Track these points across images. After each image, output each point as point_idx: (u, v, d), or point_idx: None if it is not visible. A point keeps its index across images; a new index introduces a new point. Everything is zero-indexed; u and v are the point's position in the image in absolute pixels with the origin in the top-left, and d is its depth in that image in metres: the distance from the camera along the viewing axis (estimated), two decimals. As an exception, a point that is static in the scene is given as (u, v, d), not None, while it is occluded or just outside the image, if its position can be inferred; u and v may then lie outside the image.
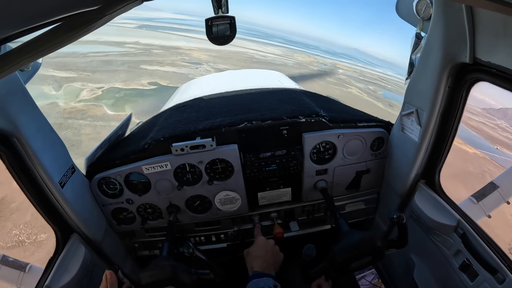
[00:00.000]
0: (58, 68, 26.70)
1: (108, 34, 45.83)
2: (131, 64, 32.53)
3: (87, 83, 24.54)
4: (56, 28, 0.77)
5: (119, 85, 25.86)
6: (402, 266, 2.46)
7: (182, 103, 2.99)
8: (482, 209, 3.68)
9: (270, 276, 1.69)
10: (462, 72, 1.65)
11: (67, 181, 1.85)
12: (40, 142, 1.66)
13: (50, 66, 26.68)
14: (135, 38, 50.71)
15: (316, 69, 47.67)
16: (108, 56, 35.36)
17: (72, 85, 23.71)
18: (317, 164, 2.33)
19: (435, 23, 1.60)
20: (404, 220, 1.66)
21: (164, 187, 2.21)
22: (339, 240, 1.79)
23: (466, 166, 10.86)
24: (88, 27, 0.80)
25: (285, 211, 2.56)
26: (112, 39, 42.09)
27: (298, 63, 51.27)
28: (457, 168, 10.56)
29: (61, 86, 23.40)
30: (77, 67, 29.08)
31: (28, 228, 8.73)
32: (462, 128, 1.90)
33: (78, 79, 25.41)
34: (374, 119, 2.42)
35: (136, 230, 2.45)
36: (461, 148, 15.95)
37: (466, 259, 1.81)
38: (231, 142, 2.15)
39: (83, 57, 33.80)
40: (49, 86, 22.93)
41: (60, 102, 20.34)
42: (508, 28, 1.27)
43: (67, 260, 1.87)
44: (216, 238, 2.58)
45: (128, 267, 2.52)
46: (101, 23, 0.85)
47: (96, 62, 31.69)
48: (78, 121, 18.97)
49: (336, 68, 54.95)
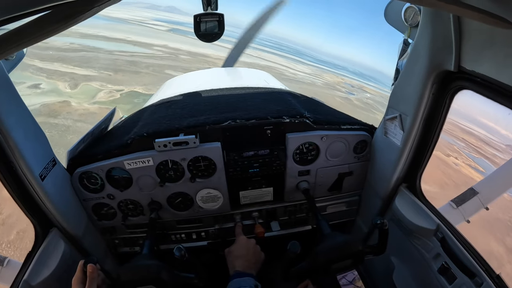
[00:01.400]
0: (80, 64, 25.65)
1: (138, 34, 44.53)
2: (155, 68, 31.52)
3: (107, 83, 23.27)
4: (43, 18, 0.75)
5: (140, 89, 24.65)
6: (382, 268, 2.49)
7: (167, 98, 2.96)
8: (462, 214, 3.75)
9: (251, 276, 1.70)
10: (447, 79, 1.67)
11: (47, 174, 1.81)
12: (21, 133, 1.61)
13: (72, 62, 25.56)
14: (164, 41, 49.22)
15: (344, 90, 46.59)
16: (134, 56, 34.01)
17: (90, 85, 22.54)
18: (299, 164, 2.34)
19: (423, 30, 1.62)
20: (386, 227, 1.68)
21: (146, 183, 2.18)
22: (321, 241, 1.80)
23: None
24: (76, 18, 0.78)
25: (266, 211, 2.57)
26: (140, 39, 40.79)
27: (326, 83, 49.90)
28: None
29: (78, 84, 22.22)
30: (100, 64, 27.79)
31: (11, 249, 7.76)
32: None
33: (98, 78, 24.23)
34: (358, 122, 2.44)
35: (117, 226, 2.41)
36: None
37: (444, 262, 1.84)
38: (214, 140, 2.14)
39: (109, 54, 32.68)
40: (65, 83, 21.89)
41: (73, 101, 19.20)
42: (494, 39, 1.29)
43: (46, 255, 1.83)
44: (197, 236, 2.57)
45: (108, 263, 2.49)
46: (89, 15, 0.83)
47: (121, 62, 30.52)
48: (88, 125, 17.39)
49: (363, 92, 53.60)
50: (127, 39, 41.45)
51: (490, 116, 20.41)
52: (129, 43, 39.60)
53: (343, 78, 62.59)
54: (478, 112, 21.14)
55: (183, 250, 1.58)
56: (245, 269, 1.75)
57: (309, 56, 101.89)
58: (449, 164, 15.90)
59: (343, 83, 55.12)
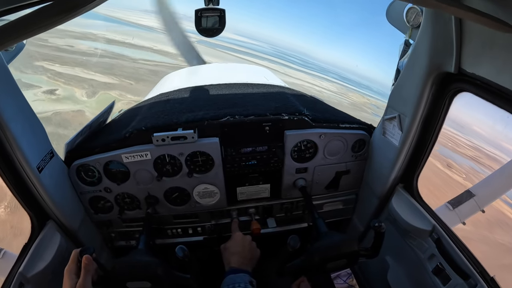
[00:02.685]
0: (102, 70, 24.62)
1: (165, 43, 43.77)
2: (179, 79, 30.98)
3: (126, 93, 22.16)
4: (44, 9, 0.74)
5: (160, 102, 23.64)
6: (377, 267, 2.50)
7: (166, 93, 2.95)
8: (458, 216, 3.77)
9: (246, 272, 1.70)
10: (446, 81, 1.67)
11: (45, 166, 1.80)
12: (20, 125, 1.61)
13: (95, 68, 24.57)
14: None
15: (370, 111, 45.09)
16: (158, 66, 32.53)
17: (109, 93, 21.36)
18: (297, 162, 2.34)
19: (424, 31, 1.62)
20: (384, 230, 1.69)
21: (143, 177, 2.18)
22: (317, 239, 1.81)
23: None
24: (78, 10, 0.77)
25: (263, 207, 2.57)
26: (167, 49, 39.88)
27: (353, 103, 47.70)
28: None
29: (96, 92, 21.16)
30: (122, 72, 26.61)
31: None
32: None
33: (118, 87, 23.19)
34: (356, 121, 2.44)
35: (113, 220, 2.41)
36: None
37: (439, 263, 1.85)
38: (213, 135, 2.14)
39: (133, 62, 31.63)
40: (83, 90, 20.91)
41: (88, 111, 18.15)
42: (494, 42, 1.29)
43: (42, 247, 1.83)
44: (193, 231, 2.57)
45: (103, 257, 2.49)
46: (91, 7, 0.82)
47: (144, 71, 29.45)
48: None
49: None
50: (154, 47, 40.22)
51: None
52: (155, 52, 38.76)
53: (369, 98, 58.74)
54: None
55: (186, 250, 1.58)
56: (240, 266, 1.76)
57: (333, 73, 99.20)
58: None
59: (369, 103, 52.69)
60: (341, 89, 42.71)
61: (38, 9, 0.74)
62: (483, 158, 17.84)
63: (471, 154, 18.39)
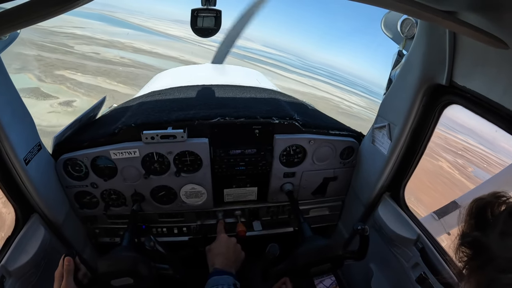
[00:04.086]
0: (125, 81, 23.59)
1: (192, 53, 42.45)
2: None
3: None
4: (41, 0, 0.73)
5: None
6: (361, 274, 2.51)
7: (157, 90, 2.94)
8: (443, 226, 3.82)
9: (230, 274, 1.70)
10: (438, 93, 1.69)
11: (32, 158, 1.78)
12: (8, 115, 1.58)
13: (118, 78, 23.54)
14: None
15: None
16: None
17: None
18: (285, 166, 2.34)
19: (418, 43, 1.64)
20: (367, 233, 1.70)
21: (130, 174, 2.17)
22: (301, 244, 1.81)
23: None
24: (75, 3, 0.76)
25: (249, 210, 2.57)
26: (194, 59, 38.63)
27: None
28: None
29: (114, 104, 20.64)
30: (146, 83, 26.13)
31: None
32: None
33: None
34: (346, 129, 2.46)
35: (98, 216, 2.39)
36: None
37: (423, 272, 1.86)
38: (202, 135, 2.13)
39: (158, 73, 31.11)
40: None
41: None
42: (487, 57, 1.31)
43: (26, 241, 1.81)
44: (179, 231, 2.56)
45: (87, 253, 2.46)
46: (87, 0, 0.81)
47: None
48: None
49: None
50: (180, 58, 39.33)
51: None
52: (182, 62, 37.40)
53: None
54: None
55: (153, 240, 1.59)
56: (224, 267, 1.75)
57: (360, 86, 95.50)
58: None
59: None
60: (370, 104, 39.60)
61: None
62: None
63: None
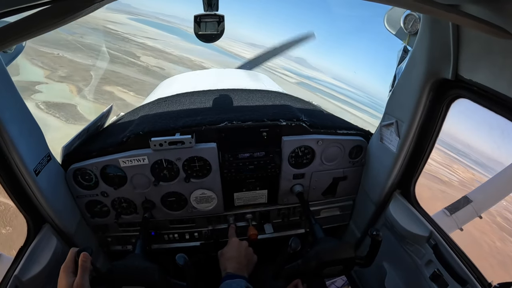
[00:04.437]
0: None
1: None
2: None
3: None
4: (43, 12, 0.75)
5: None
6: (374, 273, 2.49)
7: (164, 97, 2.95)
8: (455, 222, 3.78)
9: (242, 278, 1.70)
10: (444, 87, 1.68)
11: (42, 169, 1.80)
12: (17, 128, 1.60)
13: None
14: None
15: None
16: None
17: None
18: (294, 168, 2.34)
19: (421, 38, 1.63)
20: (381, 239, 1.70)
21: (140, 182, 2.18)
22: (314, 245, 1.81)
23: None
24: (76, 14, 0.78)
25: (260, 213, 2.56)
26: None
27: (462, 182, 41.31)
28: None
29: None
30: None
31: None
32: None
33: None
34: (354, 128, 2.45)
35: (109, 224, 2.40)
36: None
37: (437, 269, 1.85)
38: (210, 140, 2.14)
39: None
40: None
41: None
42: (491, 48, 1.30)
43: (38, 251, 1.82)
44: (190, 236, 2.56)
45: (99, 261, 2.48)
46: (88, 11, 0.83)
47: None
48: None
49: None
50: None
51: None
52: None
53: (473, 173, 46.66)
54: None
55: (187, 259, 1.60)
56: (236, 271, 1.75)
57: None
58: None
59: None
60: (445, 159, 35.13)
61: (37, 11, 0.75)
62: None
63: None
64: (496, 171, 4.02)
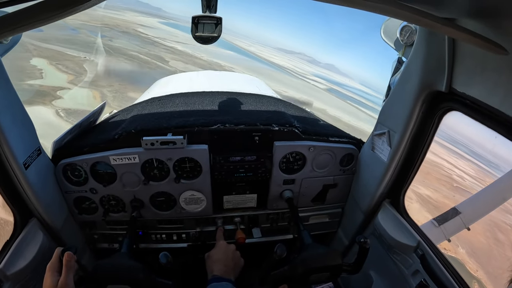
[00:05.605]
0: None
1: (297, 89, 39.90)
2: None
3: None
4: (42, 3, 0.74)
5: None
6: (361, 282, 2.49)
7: (158, 97, 2.94)
8: (443, 233, 3.81)
9: (229, 281, 1.69)
10: (437, 99, 1.70)
11: (31, 163, 1.78)
12: (8, 119, 1.59)
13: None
14: (322, 103, 42.09)
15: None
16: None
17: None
18: (285, 173, 2.34)
19: (417, 50, 1.65)
20: (368, 246, 1.70)
21: (130, 180, 2.16)
22: (302, 251, 1.81)
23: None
24: (76, 7, 0.77)
25: (249, 217, 2.56)
26: (298, 96, 35.97)
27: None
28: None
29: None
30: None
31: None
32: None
33: None
34: (346, 136, 2.46)
35: (97, 221, 2.38)
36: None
37: (423, 279, 1.85)
38: (202, 142, 2.14)
39: None
40: None
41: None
42: (486, 63, 1.32)
43: (24, 245, 1.81)
44: (178, 238, 2.54)
45: (85, 258, 2.46)
46: (89, 5, 0.82)
47: None
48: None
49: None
50: (284, 93, 36.65)
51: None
52: (284, 98, 35.98)
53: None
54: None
55: (170, 257, 1.59)
56: (223, 274, 1.74)
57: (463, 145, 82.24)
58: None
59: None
60: (479, 173, 31.86)
61: (36, 3, 0.74)
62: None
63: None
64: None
